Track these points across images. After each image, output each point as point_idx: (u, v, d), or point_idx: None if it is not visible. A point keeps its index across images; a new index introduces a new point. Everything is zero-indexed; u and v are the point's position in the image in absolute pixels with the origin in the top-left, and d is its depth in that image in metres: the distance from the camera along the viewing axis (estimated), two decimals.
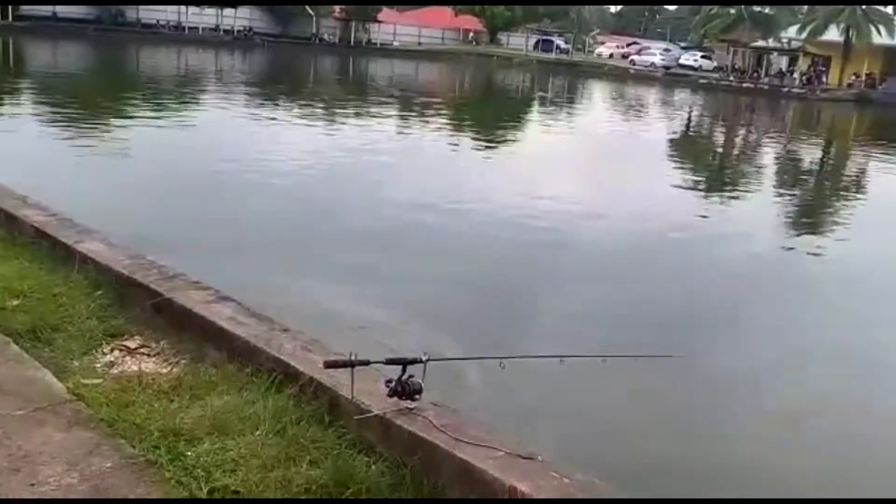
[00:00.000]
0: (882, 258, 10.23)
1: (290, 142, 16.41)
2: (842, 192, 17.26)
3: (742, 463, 4.74)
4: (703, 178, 17.89)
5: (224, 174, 12.02)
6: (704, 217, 12.78)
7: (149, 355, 4.45)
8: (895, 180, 19.09)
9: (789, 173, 19.66)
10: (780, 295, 8.23)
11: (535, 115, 31.03)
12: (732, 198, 15.38)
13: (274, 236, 8.75)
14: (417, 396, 3.57)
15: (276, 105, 25.01)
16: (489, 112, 29.79)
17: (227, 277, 5.34)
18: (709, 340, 6.72)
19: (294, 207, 10.58)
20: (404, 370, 3.55)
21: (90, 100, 21.96)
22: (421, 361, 3.56)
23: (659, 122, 30.76)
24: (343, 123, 21.23)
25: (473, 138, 21.26)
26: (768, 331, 7.22)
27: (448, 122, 24.99)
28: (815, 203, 15.99)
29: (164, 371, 4.25)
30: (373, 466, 3.37)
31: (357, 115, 23.78)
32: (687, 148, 24.15)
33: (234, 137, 16.49)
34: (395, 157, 16.10)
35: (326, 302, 6.44)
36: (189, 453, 3.33)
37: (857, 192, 17.35)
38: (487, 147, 19.28)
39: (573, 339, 6.28)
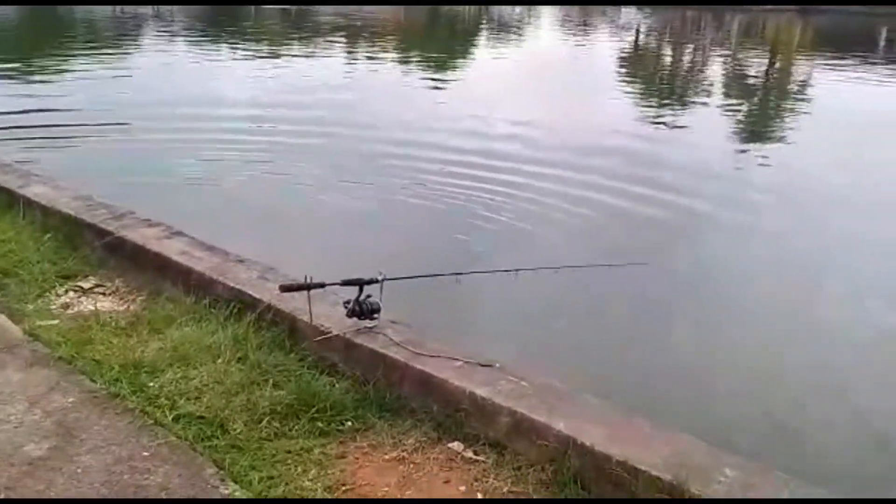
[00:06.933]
0: (824, 161, 10.44)
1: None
2: (784, 101, 17.47)
3: (692, 358, 4.92)
4: (655, 92, 17.96)
5: None
6: (657, 126, 12.88)
7: (104, 294, 4.43)
8: (834, 88, 19.26)
9: (736, 84, 19.83)
10: (730, 200, 8.38)
11: (483, 37, 30.67)
12: (684, 108, 15.53)
13: None
14: (376, 315, 3.63)
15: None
16: (438, 36, 29.37)
17: None
18: (660, 249, 6.85)
19: None
20: (361, 290, 3.60)
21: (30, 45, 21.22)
22: (377, 281, 3.61)
23: (609, 40, 30.60)
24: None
25: (425, 63, 20.99)
26: (718, 237, 7.39)
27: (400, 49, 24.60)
28: (762, 111, 16.19)
29: (121, 308, 4.25)
30: (336, 385, 3.44)
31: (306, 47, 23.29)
32: (637, 63, 24.17)
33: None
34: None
35: None
36: (151, 384, 3.37)
37: (799, 100, 17.57)
38: (441, 73, 19.06)
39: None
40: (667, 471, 2.60)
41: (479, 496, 2.85)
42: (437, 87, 16.30)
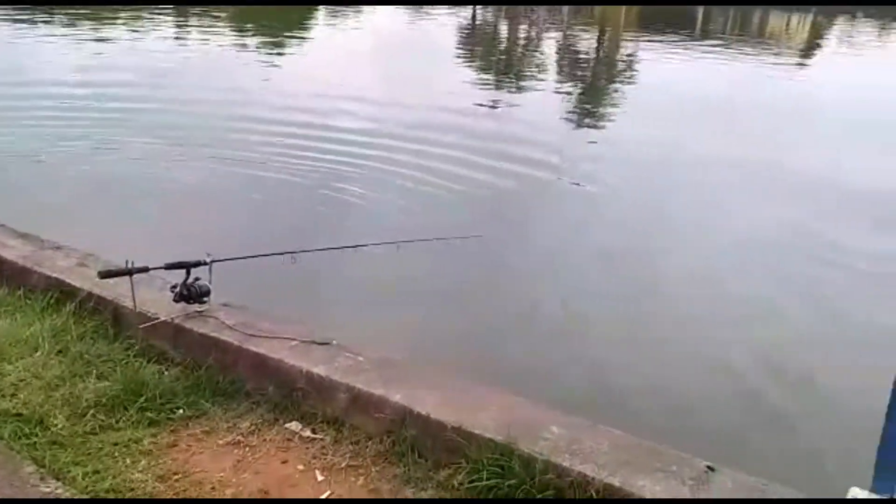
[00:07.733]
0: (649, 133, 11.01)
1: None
2: (613, 77, 18.27)
3: (528, 323, 5.12)
4: (492, 67, 18.31)
5: None
6: (493, 106, 13.12)
7: None
8: (656, 64, 20.31)
9: (568, 62, 20.52)
10: (563, 171, 8.69)
11: (319, 13, 30.15)
12: (519, 82, 15.94)
13: None
14: (206, 299, 3.53)
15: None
16: (272, 12, 28.57)
17: None
18: (496, 220, 7.03)
19: None
20: (188, 273, 3.48)
21: None
22: (205, 263, 3.50)
23: (445, 16, 30.82)
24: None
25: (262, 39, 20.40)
26: (552, 208, 7.67)
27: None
28: (592, 88, 16.84)
29: None
30: (166, 372, 3.34)
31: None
32: (474, 39, 24.52)
33: None
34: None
35: None
36: None
37: (626, 77, 18.42)
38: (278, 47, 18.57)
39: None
40: (497, 432, 2.69)
41: (318, 473, 2.85)
42: (273, 62, 15.90)
